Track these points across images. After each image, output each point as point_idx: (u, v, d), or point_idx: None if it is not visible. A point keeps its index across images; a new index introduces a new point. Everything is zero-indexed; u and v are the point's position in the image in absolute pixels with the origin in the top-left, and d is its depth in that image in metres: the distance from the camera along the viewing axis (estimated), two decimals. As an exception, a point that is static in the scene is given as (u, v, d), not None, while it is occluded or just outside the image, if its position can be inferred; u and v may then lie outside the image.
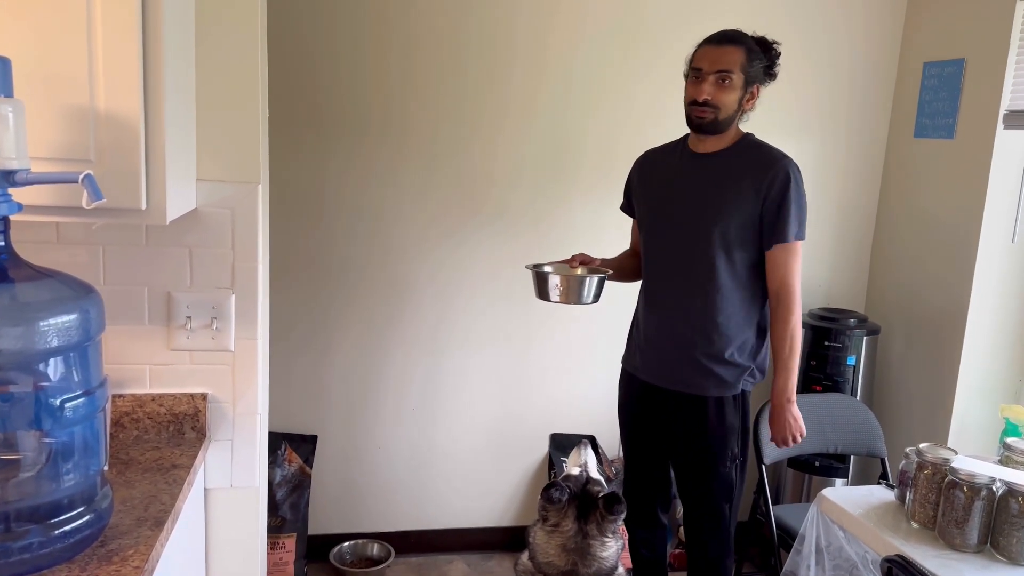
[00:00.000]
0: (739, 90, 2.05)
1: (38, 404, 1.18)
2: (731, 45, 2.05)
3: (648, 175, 2.31)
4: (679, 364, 2.18)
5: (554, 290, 2.20)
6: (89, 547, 1.21)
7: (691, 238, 2.12)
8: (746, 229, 2.08)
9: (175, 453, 1.58)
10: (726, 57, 2.04)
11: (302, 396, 3.02)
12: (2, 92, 1.11)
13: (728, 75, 2.03)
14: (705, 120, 2.07)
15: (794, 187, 2.04)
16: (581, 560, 1.74)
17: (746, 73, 2.05)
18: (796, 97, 3.13)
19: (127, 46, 1.24)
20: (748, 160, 2.10)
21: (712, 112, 2.05)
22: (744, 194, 2.06)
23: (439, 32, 2.85)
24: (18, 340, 1.13)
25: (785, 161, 2.07)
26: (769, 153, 2.10)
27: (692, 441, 2.21)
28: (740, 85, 2.05)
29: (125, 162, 1.27)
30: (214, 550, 1.75)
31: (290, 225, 2.84)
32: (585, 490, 1.79)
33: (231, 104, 1.63)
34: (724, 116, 2.06)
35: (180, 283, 1.64)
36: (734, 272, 2.10)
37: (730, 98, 2.05)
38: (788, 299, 2.08)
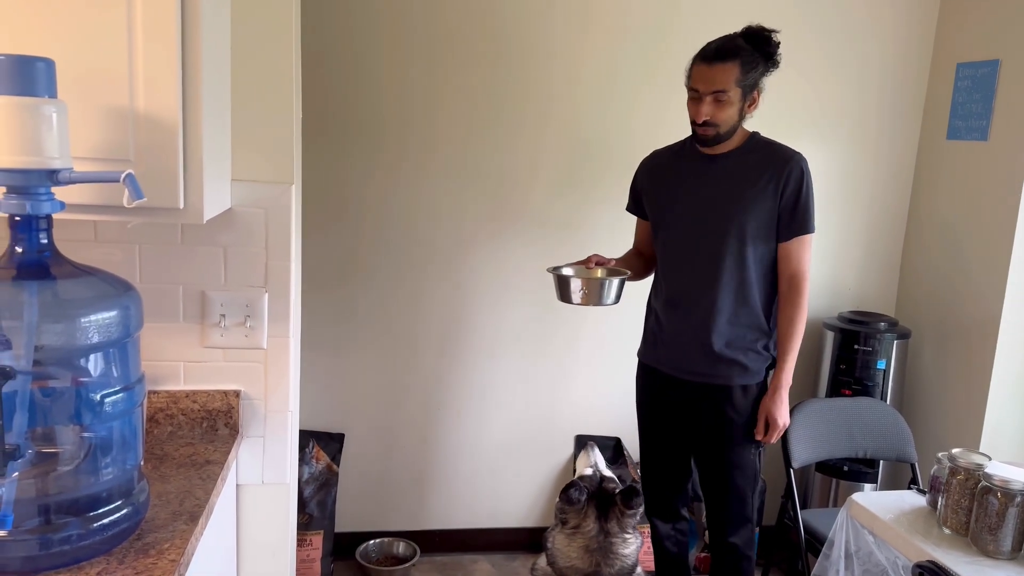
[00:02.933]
0: (737, 103, 2.10)
1: (78, 399, 1.20)
2: (723, 62, 2.06)
3: (659, 176, 2.35)
4: (705, 357, 2.24)
5: (576, 293, 2.22)
6: (126, 540, 1.23)
7: (712, 236, 2.18)
8: (764, 224, 2.16)
9: (208, 449, 1.60)
10: (720, 76, 2.06)
11: (330, 394, 3.04)
12: (46, 93, 1.13)
13: (723, 94, 2.06)
14: (708, 137, 2.14)
15: (807, 181, 2.15)
16: (604, 560, 1.75)
17: (743, 86, 2.08)
18: (827, 99, 3.11)
19: (166, 48, 1.27)
20: (762, 158, 2.17)
21: (713, 129, 2.11)
22: (763, 191, 2.14)
23: (463, 38, 2.86)
24: (60, 336, 1.15)
25: (798, 157, 2.16)
26: (782, 150, 2.18)
27: (718, 431, 2.28)
28: (738, 98, 2.09)
29: (163, 162, 1.29)
30: (245, 545, 1.77)
31: (320, 225, 2.86)
32: (601, 488, 1.80)
33: (266, 105, 1.65)
34: (726, 130, 2.13)
35: (214, 281, 1.67)
36: (754, 266, 2.19)
37: (728, 114, 2.10)
38: (802, 285, 2.18)
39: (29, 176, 1.12)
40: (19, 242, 1.16)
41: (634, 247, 2.53)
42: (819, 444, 2.60)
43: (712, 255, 2.19)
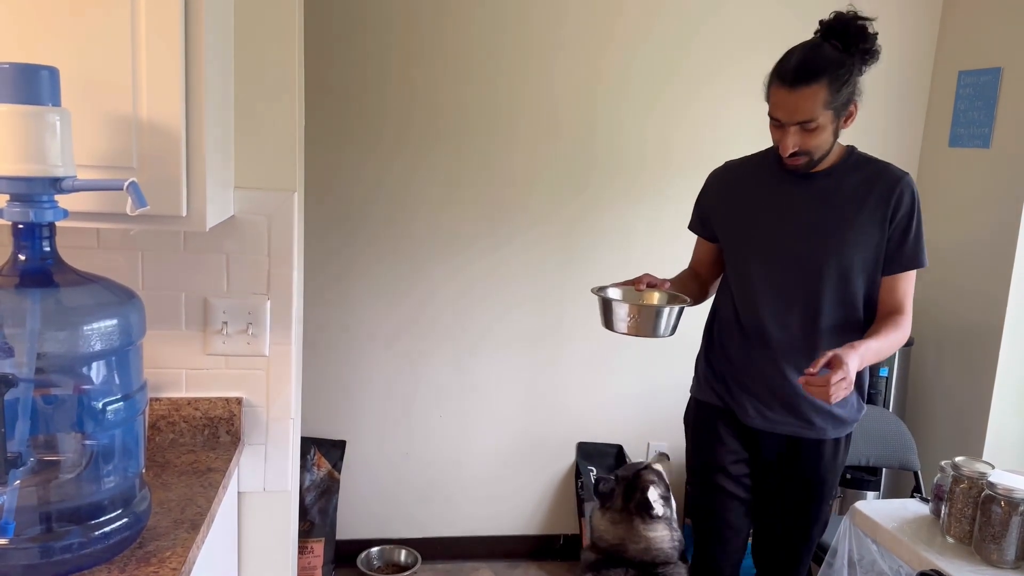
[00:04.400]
0: (830, 125, 1.77)
1: (80, 407, 1.20)
2: (807, 86, 1.71)
3: (736, 194, 2.00)
4: (796, 407, 1.93)
5: (622, 321, 1.86)
6: (128, 548, 1.23)
7: (810, 269, 1.86)
8: (871, 257, 1.85)
9: (210, 456, 1.60)
10: (804, 104, 1.73)
11: (332, 402, 3.04)
12: (50, 101, 1.13)
13: (811, 122, 1.74)
14: (800, 166, 1.83)
15: (918, 206, 1.84)
16: (628, 536, 1.89)
17: (834, 108, 1.75)
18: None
19: (169, 56, 1.27)
20: (866, 178, 1.85)
21: (804, 158, 1.80)
22: (870, 217, 1.82)
23: (471, 41, 2.87)
24: (62, 343, 1.15)
25: (907, 178, 1.84)
26: (888, 170, 1.86)
27: (802, 487, 1.99)
28: (830, 120, 1.76)
29: (166, 170, 1.29)
30: (247, 553, 1.77)
31: (321, 232, 2.87)
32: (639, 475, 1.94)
33: (268, 113, 1.65)
34: (820, 155, 1.81)
35: (217, 289, 1.67)
36: (854, 302, 1.88)
37: (821, 139, 1.78)
38: (904, 324, 1.84)
39: (32, 184, 1.12)
40: (22, 250, 1.16)
41: (691, 268, 2.17)
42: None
43: (810, 292, 1.87)
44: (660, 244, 3.06)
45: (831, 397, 1.61)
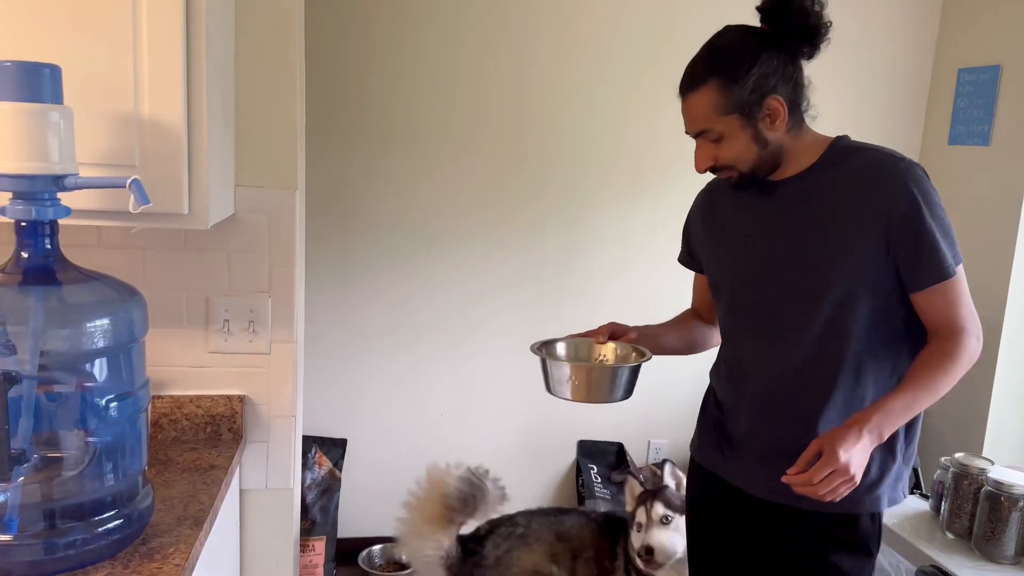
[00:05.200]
0: (741, 132, 1.42)
1: (83, 404, 1.21)
2: (693, 92, 1.44)
3: (712, 216, 1.66)
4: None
5: (562, 385, 1.54)
6: (131, 545, 1.24)
7: (795, 296, 1.48)
8: (870, 270, 1.42)
9: (212, 454, 1.61)
10: (694, 112, 1.45)
11: (332, 400, 3.04)
12: (52, 99, 1.14)
13: (708, 131, 1.44)
14: (733, 181, 1.50)
15: (927, 199, 1.39)
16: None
17: (737, 110, 1.41)
18: (828, 104, 3.10)
19: (171, 55, 1.27)
20: (849, 174, 1.44)
21: (730, 171, 1.48)
22: (858, 225, 1.41)
23: (474, 41, 2.87)
24: (65, 341, 1.16)
25: (904, 165, 1.40)
26: (878, 159, 1.43)
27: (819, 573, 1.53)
28: (739, 127, 1.42)
29: (168, 168, 1.29)
30: (249, 550, 1.78)
31: (323, 231, 2.87)
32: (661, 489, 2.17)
33: (269, 112, 1.65)
34: (749, 165, 1.46)
35: (219, 287, 1.67)
36: (867, 332, 1.45)
37: (737, 149, 1.44)
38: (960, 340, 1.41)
39: (35, 182, 1.12)
40: (25, 247, 1.16)
41: (692, 309, 1.87)
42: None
43: (798, 324, 1.47)
44: (658, 243, 3.06)
45: (824, 496, 1.30)
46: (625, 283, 3.11)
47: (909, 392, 1.39)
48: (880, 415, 1.35)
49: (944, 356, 1.40)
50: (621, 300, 3.11)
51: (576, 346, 1.67)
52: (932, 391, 1.40)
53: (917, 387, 1.39)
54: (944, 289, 1.41)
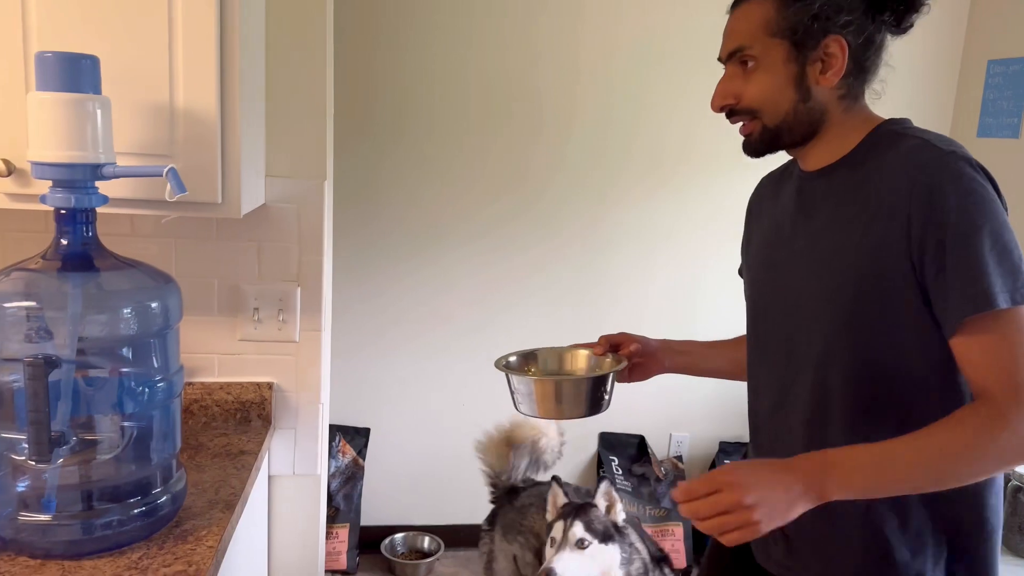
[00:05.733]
0: (782, 66, 1.12)
1: (120, 388, 1.23)
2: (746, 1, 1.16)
3: (759, 217, 1.36)
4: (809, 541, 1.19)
5: (522, 403, 1.36)
6: (165, 527, 1.26)
7: (802, 324, 1.17)
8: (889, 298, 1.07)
9: (242, 440, 1.63)
10: (736, 24, 1.17)
11: (356, 389, 3.07)
12: (91, 89, 1.16)
13: (746, 52, 1.14)
14: (751, 138, 1.18)
15: (970, 206, 1.01)
16: None
17: (789, 35, 1.11)
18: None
19: (205, 46, 1.29)
20: (875, 170, 1.10)
21: (750, 120, 1.17)
22: (877, 236, 1.07)
23: (502, 33, 2.88)
24: (103, 326, 1.18)
25: (945, 159, 1.04)
26: (912, 151, 1.08)
27: None
28: (782, 58, 1.12)
29: (202, 157, 1.32)
30: (276, 534, 1.80)
31: (349, 221, 2.89)
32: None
33: (299, 103, 1.67)
34: (774, 118, 1.15)
35: (249, 275, 1.70)
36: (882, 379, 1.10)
37: (767, 86, 1.13)
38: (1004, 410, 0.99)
39: (75, 170, 1.15)
40: (64, 235, 1.19)
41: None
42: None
43: (803, 361, 1.17)
44: (682, 238, 3.06)
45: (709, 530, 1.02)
46: (649, 276, 3.11)
47: (890, 451, 1.01)
48: (830, 466, 1.01)
49: (969, 423, 1.00)
50: (641, 293, 3.11)
51: (547, 359, 1.50)
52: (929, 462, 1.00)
53: (906, 448, 1.00)
54: (985, 326, 0.99)
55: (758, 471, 1.03)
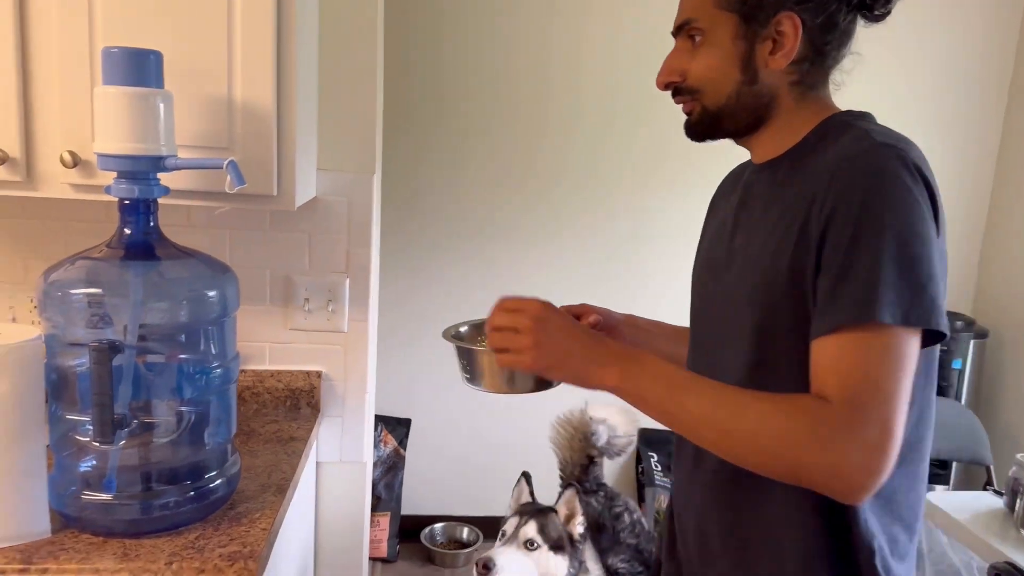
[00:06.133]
0: (729, 43, 1.02)
1: (180, 374, 1.27)
2: None
3: (714, 213, 1.26)
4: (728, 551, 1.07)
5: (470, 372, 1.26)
6: (220, 509, 1.30)
7: (730, 329, 1.06)
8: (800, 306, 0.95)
9: (292, 426, 1.67)
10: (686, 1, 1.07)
11: (398, 380, 3.11)
12: (155, 84, 1.20)
13: (693, 25, 1.04)
14: (691, 118, 1.09)
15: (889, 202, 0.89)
16: None
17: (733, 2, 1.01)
18: (908, 88, 3.04)
19: (263, 42, 1.32)
20: (812, 163, 0.99)
21: (690, 99, 1.07)
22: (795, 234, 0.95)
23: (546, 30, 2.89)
24: (164, 314, 1.22)
25: (875, 152, 0.93)
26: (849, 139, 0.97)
27: None
28: (728, 32, 1.02)
29: (259, 150, 1.35)
30: (323, 519, 1.84)
31: (392, 214, 2.93)
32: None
33: (350, 97, 1.71)
34: (716, 100, 1.05)
35: (299, 267, 1.73)
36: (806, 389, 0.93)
37: (712, 62, 1.03)
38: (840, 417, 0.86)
39: (138, 162, 1.18)
40: (127, 224, 1.23)
41: None
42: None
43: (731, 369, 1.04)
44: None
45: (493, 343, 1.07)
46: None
47: (696, 385, 0.96)
48: (635, 361, 0.98)
49: (794, 412, 0.88)
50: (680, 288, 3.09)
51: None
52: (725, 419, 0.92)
53: (714, 393, 0.94)
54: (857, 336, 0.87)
55: (573, 327, 1.03)
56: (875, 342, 0.87)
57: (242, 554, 1.17)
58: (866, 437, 0.85)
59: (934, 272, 0.89)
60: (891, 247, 0.87)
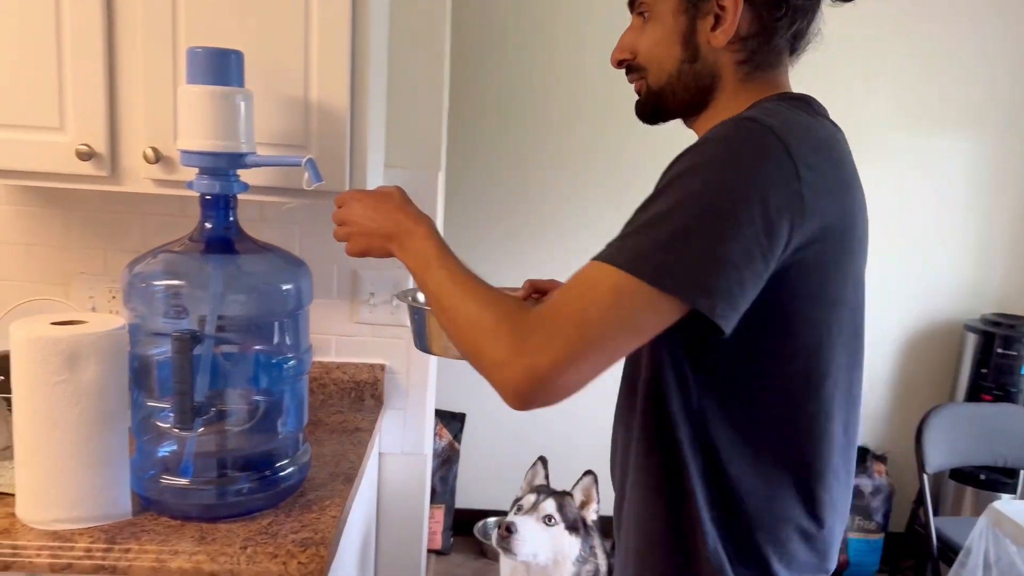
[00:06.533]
0: (671, 19, 0.99)
1: (256, 364, 1.31)
2: None
3: None
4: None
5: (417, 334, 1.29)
6: (291, 496, 1.34)
7: None
8: None
9: (357, 418, 1.71)
10: None
11: (454, 375, 3.14)
12: (237, 83, 1.23)
13: (641, 0, 1.03)
14: (639, 99, 1.06)
15: (696, 170, 0.85)
16: None
17: None
18: (971, 89, 2.96)
19: (339, 43, 1.35)
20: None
21: (638, 78, 1.05)
22: None
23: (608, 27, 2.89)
24: (241, 306, 1.26)
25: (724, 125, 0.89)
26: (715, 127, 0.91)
27: None
28: (670, 7, 0.99)
29: (333, 148, 1.38)
30: (384, 509, 1.88)
31: (455, 211, 2.96)
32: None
33: (417, 96, 1.73)
34: (658, 79, 1.02)
35: (365, 261, 1.76)
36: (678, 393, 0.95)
37: (655, 39, 1.01)
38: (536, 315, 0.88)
39: (220, 159, 1.22)
40: (208, 219, 1.27)
41: None
42: (955, 450, 2.50)
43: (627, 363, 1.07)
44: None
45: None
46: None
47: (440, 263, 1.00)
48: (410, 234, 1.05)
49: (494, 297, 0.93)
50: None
51: None
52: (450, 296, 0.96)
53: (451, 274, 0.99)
54: (588, 267, 0.88)
55: (377, 205, 1.10)
56: (605, 281, 0.84)
57: (313, 540, 1.20)
58: (536, 349, 0.84)
59: (703, 241, 0.81)
60: (680, 211, 0.83)
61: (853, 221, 0.92)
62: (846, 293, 0.93)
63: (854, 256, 0.94)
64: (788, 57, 1.01)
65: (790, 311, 0.90)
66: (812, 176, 0.85)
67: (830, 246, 0.89)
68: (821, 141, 0.90)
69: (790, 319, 0.90)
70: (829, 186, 0.88)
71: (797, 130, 0.87)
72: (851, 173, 0.94)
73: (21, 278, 1.74)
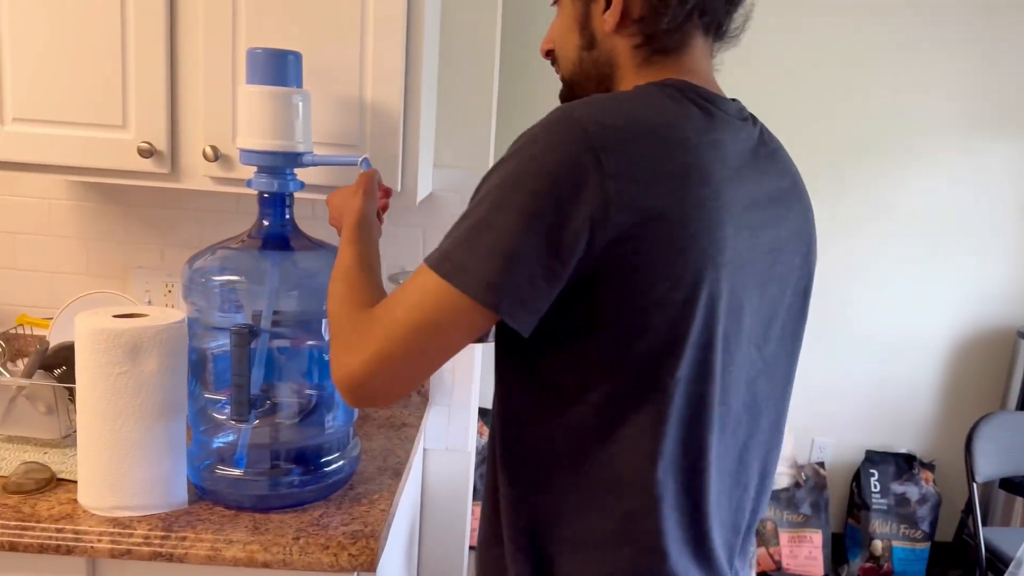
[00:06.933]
0: (570, 6, 0.97)
1: (310, 359, 1.34)
2: None
3: None
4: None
5: None
6: (341, 488, 1.36)
7: None
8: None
9: (403, 413, 1.73)
10: None
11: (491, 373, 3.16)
12: (295, 83, 1.26)
13: None
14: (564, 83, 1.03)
15: (507, 161, 0.84)
16: None
17: None
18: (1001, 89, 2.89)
19: (394, 44, 1.37)
20: None
21: (557, 69, 1.04)
22: None
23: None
24: (296, 301, 1.29)
25: (547, 118, 0.84)
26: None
27: None
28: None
29: (386, 148, 1.40)
30: (428, 506, 1.90)
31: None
32: None
33: (467, 96, 1.75)
34: (566, 68, 1.01)
35: (413, 259, 1.79)
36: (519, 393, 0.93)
37: (557, 29, 1.01)
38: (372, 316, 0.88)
39: (277, 158, 1.25)
40: (266, 216, 1.30)
41: None
42: (1006, 459, 2.45)
43: None
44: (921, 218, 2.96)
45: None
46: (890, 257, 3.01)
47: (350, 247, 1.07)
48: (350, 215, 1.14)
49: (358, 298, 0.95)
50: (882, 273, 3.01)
51: None
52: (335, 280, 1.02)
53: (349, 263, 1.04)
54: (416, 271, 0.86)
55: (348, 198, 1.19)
56: (416, 280, 0.84)
57: (364, 533, 1.22)
58: (355, 347, 0.86)
59: (491, 237, 0.79)
60: (480, 206, 0.82)
61: (689, 215, 0.81)
62: (680, 295, 0.82)
63: (689, 254, 0.81)
64: (705, 41, 0.94)
65: (612, 314, 0.82)
66: (621, 166, 0.79)
67: (653, 243, 0.80)
68: (649, 129, 0.82)
69: (613, 323, 0.83)
70: (649, 177, 0.80)
71: (615, 118, 0.82)
72: (692, 165, 0.82)
73: (80, 271, 1.80)
